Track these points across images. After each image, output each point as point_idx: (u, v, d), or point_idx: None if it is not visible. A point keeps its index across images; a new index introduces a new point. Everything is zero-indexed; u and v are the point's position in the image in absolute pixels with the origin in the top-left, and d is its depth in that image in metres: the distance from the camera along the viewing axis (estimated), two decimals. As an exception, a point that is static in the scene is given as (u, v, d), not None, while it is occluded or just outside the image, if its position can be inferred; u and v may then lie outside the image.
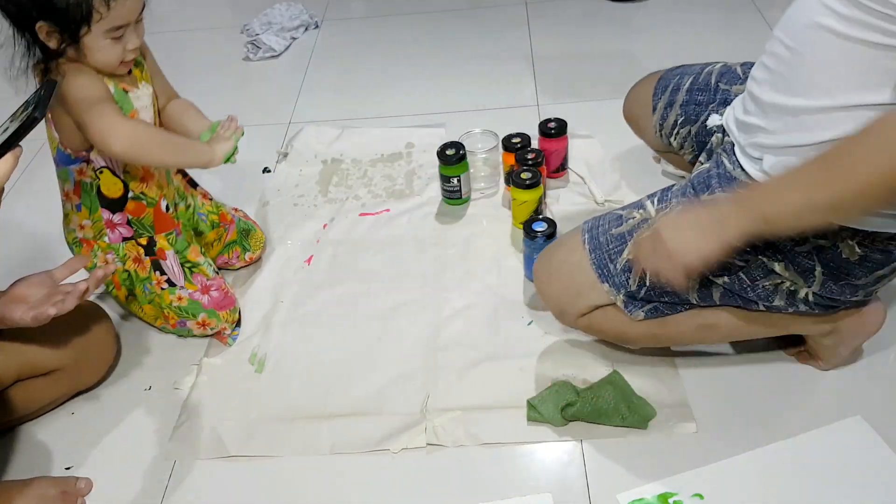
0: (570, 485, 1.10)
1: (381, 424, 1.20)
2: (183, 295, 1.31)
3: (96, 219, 1.26)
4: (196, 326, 1.34)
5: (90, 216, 1.26)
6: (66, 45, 1.09)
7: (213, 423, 1.23)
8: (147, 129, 1.19)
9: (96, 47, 1.10)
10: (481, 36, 2.29)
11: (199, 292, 1.32)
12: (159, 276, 1.30)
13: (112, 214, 1.26)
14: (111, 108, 1.13)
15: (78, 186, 1.24)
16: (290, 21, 2.39)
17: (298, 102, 2.07)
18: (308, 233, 1.60)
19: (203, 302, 1.33)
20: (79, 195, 1.25)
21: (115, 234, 1.27)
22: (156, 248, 1.30)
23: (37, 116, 0.80)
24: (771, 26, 2.14)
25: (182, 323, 1.34)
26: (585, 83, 2.01)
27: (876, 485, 1.04)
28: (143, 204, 1.27)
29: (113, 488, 1.16)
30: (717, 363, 1.24)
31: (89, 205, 1.25)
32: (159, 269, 1.30)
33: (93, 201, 1.25)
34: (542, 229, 1.36)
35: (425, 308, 1.40)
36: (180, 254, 1.32)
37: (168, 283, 1.31)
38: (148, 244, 1.29)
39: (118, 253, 1.29)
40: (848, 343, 1.15)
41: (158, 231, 1.30)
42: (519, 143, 1.58)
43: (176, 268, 1.31)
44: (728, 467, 1.08)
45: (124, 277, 1.31)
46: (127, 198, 1.25)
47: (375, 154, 1.82)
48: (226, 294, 1.36)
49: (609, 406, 1.14)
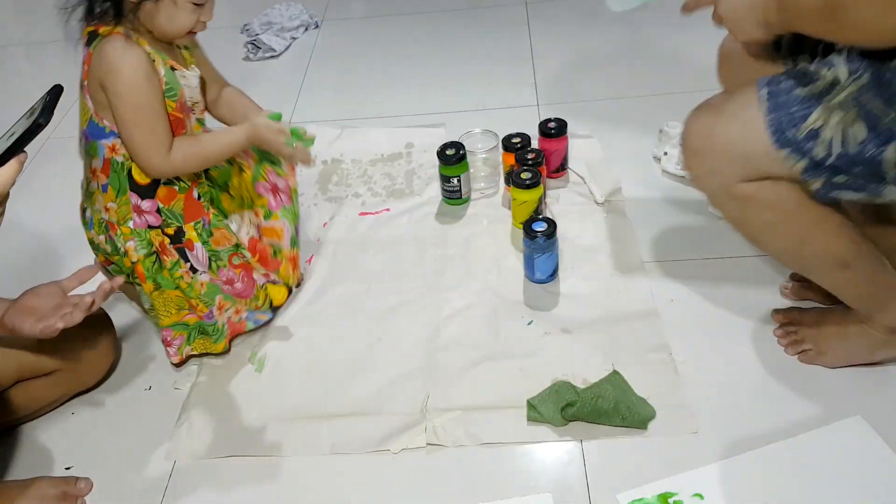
0: (570, 485, 1.10)
1: (381, 424, 1.20)
2: (204, 280, 1.25)
3: (123, 202, 1.19)
4: (217, 312, 1.29)
5: (116, 199, 1.19)
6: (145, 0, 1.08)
7: (213, 423, 1.23)
8: (189, 146, 1.17)
9: (175, 10, 1.09)
10: (481, 36, 2.29)
11: (224, 283, 1.28)
12: (183, 262, 1.24)
13: (141, 200, 1.19)
14: (160, 124, 1.12)
15: (107, 165, 1.17)
16: (290, 21, 2.39)
17: (298, 102, 2.07)
18: (308, 232, 1.60)
19: (223, 289, 1.27)
20: (107, 174, 1.18)
21: (142, 220, 1.20)
22: (184, 238, 1.23)
23: (41, 123, 0.79)
24: (771, 26, 2.13)
25: (209, 315, 1.28)
26: (585, 83, 2.01)
27: (876, 485, 1.04)
28: (175, 190, 1.21)
29: (113, 488, 1.16)
30: (717, 363, 1.24)
31: (117, 186, 1.18)
32: (184, 257, 1.23)
33: (122, 183, 1.18)
34: (542, 229, 1.36)
35: (425, 308, 1.40)
36: (206, 245, 1.25)
37: (191, 269, 1.24)
38: (175, 234, 1.22)
39: (140, 239, 1.21)
40: (857, 350, 1.16)
41: (188, 220, 1.23)
42: (519, 143, 1.58)
43: (203, 258, 1.25)
44: (728, 467, 1.08)
45: (149, 264, 1.22)
46: (159, 183, 1.19)
47: (375, 154, 1.82)
48: (248, 286, 1.30)
49: (609, 406, 1.14)
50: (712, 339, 1.28)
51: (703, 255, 1.44)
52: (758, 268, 1.40)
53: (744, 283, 1.37)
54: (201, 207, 1.25)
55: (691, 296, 1.36)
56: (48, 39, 2.52)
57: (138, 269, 1.22)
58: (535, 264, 1.39)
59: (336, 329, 1.38)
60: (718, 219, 1.51)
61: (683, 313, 1.33)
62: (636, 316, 1.33)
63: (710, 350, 1.26)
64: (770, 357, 1.24)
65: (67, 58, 1.17)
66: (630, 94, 1.94)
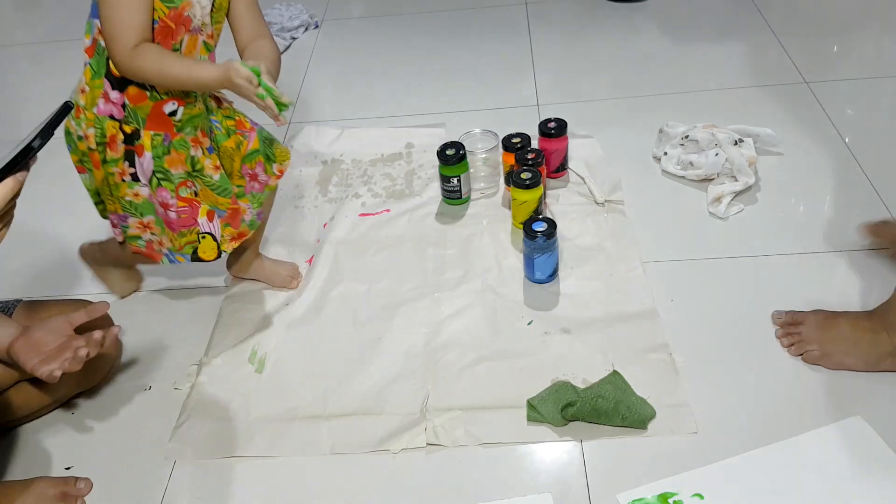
0: (570, 485, 1.10)
1: (381, 424, 1.20)
2: (142, 193, 1.22)
3: (96, 85, 1.16)
4: (136, 226, 1.26)
5: (91, 80, 1.16)
6: None
7: (213, 423, 1.23)
8: (156, 54, 1.11)
9: None
10: (481, 36, 2.29)
11: (159, 204, 1.24)
12: (127, 166, 1.20)
13: (111, 89, 1.15)
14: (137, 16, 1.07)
15: (94, 45, 1.14)
16: (290, 21, 2.39)
17: (298, 102, 2.07)
18: (308, 233, 1.60)
19: (157, 211, 1.24)
20: (91, 54, 1.15)
21: (107, 108, 1.16)
22: (137, 142, 1.19)
23: (34, 146, 0.78)
24: (771, 26, 2.14)
25: (124, 218, 1.25)
26: (585, 83, 2.01)
27: (876, 485, 1.04)
28: (146, 95, 1.16)
29: (113, 488, 1.16)
30: (717, 363, 1.24)
31: (96, 68, 1.15)
32: (131, 160, 1.20)
33: (100, 66, 1.15)
34: (542, 229, 1.36)
35: (425, 308, 1.40)
36: (158, 160, 1.20)
37: (132, 177, 1.21)
38: (131, 134, 1.18)
39: (99, 126, 1.18)
40: (865, 357, 1.17)
41: (148, 127, 1.18)
42: (519, 143, 1.58)
43: (147, 169, 1.20)
44: (728, 467, 1.08)
45: (99, 153, 1.20)
46: (131, 81, 1.15)
47: (375, 154, 1.82)
48: (183, 221, 1.25)
49: (609, 406, 1.14)
50: (712, 339, 1.28)
51: (703, 255, 1.44)
52: (758, 268, 1.40)
53: (744, 283, 1.37)
54: (169, 124, 1.20)
55: (691, 296, 1.36)
56: (48, 39, 2.52)
57: (94, 155, 1.21)
58: (535, 264, 1.39)
59: (336, 329, 1.38)
60: (718, 219, 1.52)
61: (683, 313, 1.33)
62: (636, 316, 1.33)
63: (710, 350, 1.26)
64: (770, 357, 1.24)
65: (68, 58, 1.17)
66: (630, 94, 1.94)
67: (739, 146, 1.59)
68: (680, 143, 1.65)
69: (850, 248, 1.42)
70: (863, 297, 1.32)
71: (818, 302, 1.30)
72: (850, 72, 1.92)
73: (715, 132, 1.61)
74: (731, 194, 1.54)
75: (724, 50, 2.08)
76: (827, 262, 1.40)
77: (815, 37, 2.09)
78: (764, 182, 1.59)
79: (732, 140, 1.60)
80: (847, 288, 1.34)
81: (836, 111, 1.78)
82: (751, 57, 2.04)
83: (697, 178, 1.60)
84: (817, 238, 1.44)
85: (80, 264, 1.52)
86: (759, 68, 1.98)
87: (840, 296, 1.32)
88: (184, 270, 1.52)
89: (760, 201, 1.55)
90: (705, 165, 1.58)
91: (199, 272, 1.53)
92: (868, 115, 1.78)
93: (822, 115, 1.78)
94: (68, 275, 1.57)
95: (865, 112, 1.79)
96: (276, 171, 1.35)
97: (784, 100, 1.85)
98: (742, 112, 1.79)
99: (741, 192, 1.55)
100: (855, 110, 1.79)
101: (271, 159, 1.33)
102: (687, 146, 1.63)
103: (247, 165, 1.32)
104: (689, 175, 1.61)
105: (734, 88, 1.92)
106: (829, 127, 1.74)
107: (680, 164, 1.63)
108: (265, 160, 1.32)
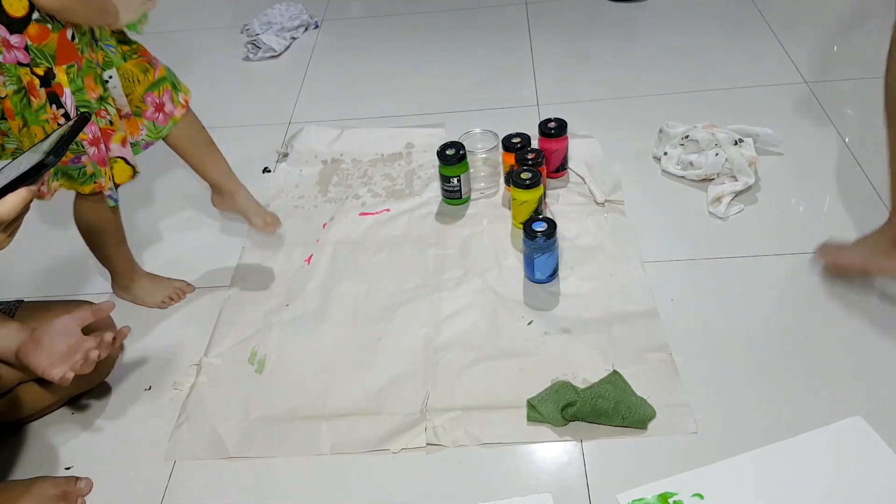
0: (570, 485, 1.10)
1: (381, 424, 1.20)
2: None
3: None
4: (88, 161, 1.23)
5: None
6: None
7: (213, 424, 1.23)
8: None
9: None
10: (481, 36, 2.29)
11: (88, 142, 1.22)
12: (55, 109, 1.17)
13: (10, 34, 1.11)
14: None
15: None
16: (290, 21, 2.39)
17: (298, 102, 2.07)
18: (308, 233, 1.60)
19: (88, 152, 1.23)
20: None
21: (11, 55, 1.12)
22: (53, 82, 1.16)
23: (47, 163, 0.77)
24: (771, 26, 2.14)
25: (77, 159, 1.22)
26: (585, 83, 2.01)
27: (876, 485, 1.04)
28: (48, 29, 1.13)
29: (113, 488, 1.16)
30: (717, 363, 1.24)
31: None
32: (56, 102, 1.17)
33: None
34: (542, 229, 1.36)
35: (425, 308, 1.40)
36: (78, 92, 1.18)
37: (65, 117, 1.18)
38: (45, 76, 1.15)
39: (10, 75, 1.14)
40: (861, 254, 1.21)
41: (60, 62, 1.15)
42: (519, 143, 1.58)
43: (71, 106, 1.18)
44: (728, 467, 1.08)
45: (17, 100, 1.16)
46: (31, 19, 1.11)
47: (375, 154, 1.82)
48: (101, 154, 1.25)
49: (609, 406, 1.15)
50: (712, 339, 1.28)
51: (703, 255, 1.44)
52: (758, 268, 1.40)
53: (744, 283, 1.37)
54: (75, 51, 1.17)
55: (691, 296, 1.36)
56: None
57: (6, 105, 1.17)
58: (535, 264, 1.39)
59: (336, 329, 1.38)
60: (718, 219, 1.52)
61: (683, 313, 1.33)
62: (636, 316, 1.33)
63: (710, 350, 1.26)
64: (770, 357, 1.24)
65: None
66: (630, 94, 1.94)
67: (739, 146, 1.59)
68: (680, 143, 1.65)
69: (850, 248, 1.42)
70: (863, 297, 1.32)
71: (818, 302, 1.30)
72: (850, 72, 1.92)
73: (715, 132, 1.61)
74: (731, 194, 1.54)
75: (724, 50, 2.08)
76: (827, 262, 1.40)
77: (815, 37, 2.09)
78: (764, 182, 1.59)
79: (732, 140, 1.60)
80: (847, 288, 1.34)
81: (836, 111, 1.78)
82: (751, 57, 2.04)
83: (697, 178, 1.60)
84: (817, 238, 1.44)
85: (81, 264, 1.52)
86: (759, 68, 1.99)
87: (840, 296, 1.32)
88: (184, 271, 1.53)
89: (760, 201, 1.55)
90: (705, 165, 1.58)
91: (200, 272, 1.53)
92: (868, 115, 1.78)
93: (822, 115, 1.78)
94: (69, 276, 1.57)
95: (865, 112, 1.79)
96: (182, 100, 1.35)
97: (784, 100, 1.85)
98: (742, 112, 1.79)
99: (741, 192, 1.55)
100: (855, 110, 1.79)
101: (178, 88, 1.35)
102: (687, 146, 1.64)
103: (154, 94, 1.31)
104: (689, 175, 1.61)
105: (734, 88, 1.92)
106: (829, 127, 1.74)
107: (680, 164, 1.63)
108: (172, 88, 1.33)
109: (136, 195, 1.76)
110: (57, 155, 0.78)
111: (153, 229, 1.68)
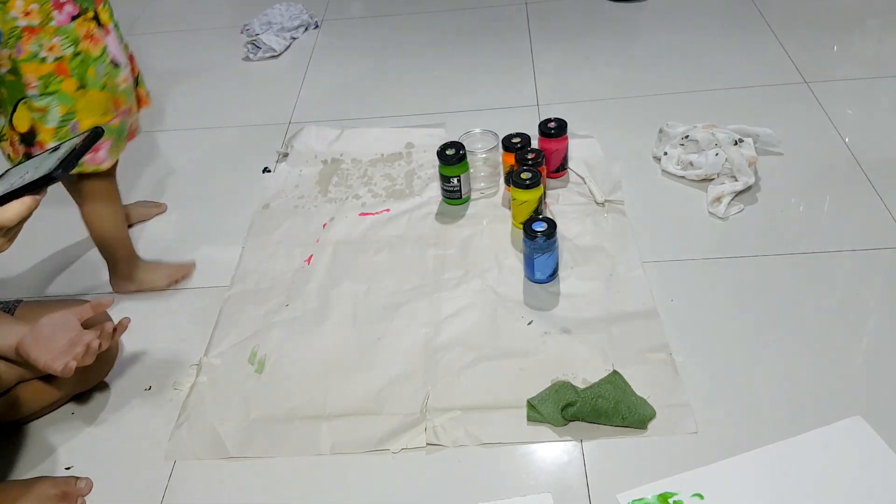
0: (570, 485, 1.10)
1: (381, 424, 1.20)
2: (126, 75, 1.22)
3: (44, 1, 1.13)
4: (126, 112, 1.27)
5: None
6: None
7: (213, 424, 1.23)
8: None
9: None
10: (481, 36, 2.29)
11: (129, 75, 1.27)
12: (109, 51, 1.20)
13: None
14: None
15: None
16: (290, 21, 2.39)
17: (298, 102, 2.07)
18: (308, 233, 1.60)
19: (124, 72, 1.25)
20: None
21: (64, 13, 1.14)
22: (102, 25, 1.19)
23: (54, 177, 0.77)
24: (771, 26, 2.14)
25: (127, 111, 1.26)
26: (585, 83, 2.01)
27: (876, 485, 1.04)
28: None
29: (113, 488, 1.16)
30: (717, 363, 1.24)
31: None
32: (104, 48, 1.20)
33: None
34: (542, 229, 1.36)
35: (425, 308, 1.40)
36: (116, 29, 1.21)
37: (113, 64, 1.20)
38: (94, 18, 1.18)
39: (68, 35, 1.15)
40: None
41: (98, 2, 1.20)
42: (519, 143, 1.58)
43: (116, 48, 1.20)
44: (728, 467, 1.08)
45: (76, 63, 1.18)
46: None
47: (375, 154, 1.82)
48: None
49: (609, 406, 1.15)
50: (712, 339, 1.28)
51: (703, 255, 1.44)
52: (757, 268, 1.40)
53: (744, 283, 1.37)
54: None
55: (691, 296, 1.36)
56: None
57: (62, 66, 1.17)
58: (535, 264, 1.39)
59: (336, 329, 1.38)
60: (718, 219, 1.52)
61: (683, 313, 1.33)
62: (636, 316, 1.33)
63: (710, 350, 1.26)
64: (770, 357, 1.24)
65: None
66: (630, 94, 1.94)
67: (739, 146, 1.59)
68: (680, 143, 1.65)
69: (851, 248, 1.42)
70: (863, 298, 1.32)
71: (818, 302, 1.30)
72: (850, 72, 1.92)
73: (715, 132, 1.61)
74: (731, 194, 1.54)
75: (724, 50, 2.08)
76: (827, 262, 1.40)
77: (815, 37, 2.09)
78: (764, 182, 1.59)
79: (732, 140, 1.60)
80: (847, 288, 1.34)
81: (836, 111, 1.78)
82: (751, 57, 2.04)
83: (697, 178, 1.60)
84: (817, 238, 1.44)
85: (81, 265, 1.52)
86: (759, 68, 1.99)
87: (840, 296, 1.32)
88: (184, 270, 1.53)
89: (760, 201, 1.55)
90: (705, 165, 1.58)
91: (200, 272, 1.53)
92: (868, 115, 1.78)
93: (822, 115, 1.78)
94: (69, 276, 1.57)
95: (865, 112, 1.79)
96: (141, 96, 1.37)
97: (784, 100, 1.85)
98: (742, 112, 1.79)
99: (741, 192, 1.55)
100: (855, 110, 1.79)
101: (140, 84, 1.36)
102: (687, 146, 1.64)
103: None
104: (689, 175, 1.61)
105: (734, 88, 1.92)
106: (829, 127, 1.74)
107: (680, 164, 1.63)
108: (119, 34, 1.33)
109: (136, 195, 1.76)
110: (66, 169, 0.78)
111: (153, 230, 1.68)
